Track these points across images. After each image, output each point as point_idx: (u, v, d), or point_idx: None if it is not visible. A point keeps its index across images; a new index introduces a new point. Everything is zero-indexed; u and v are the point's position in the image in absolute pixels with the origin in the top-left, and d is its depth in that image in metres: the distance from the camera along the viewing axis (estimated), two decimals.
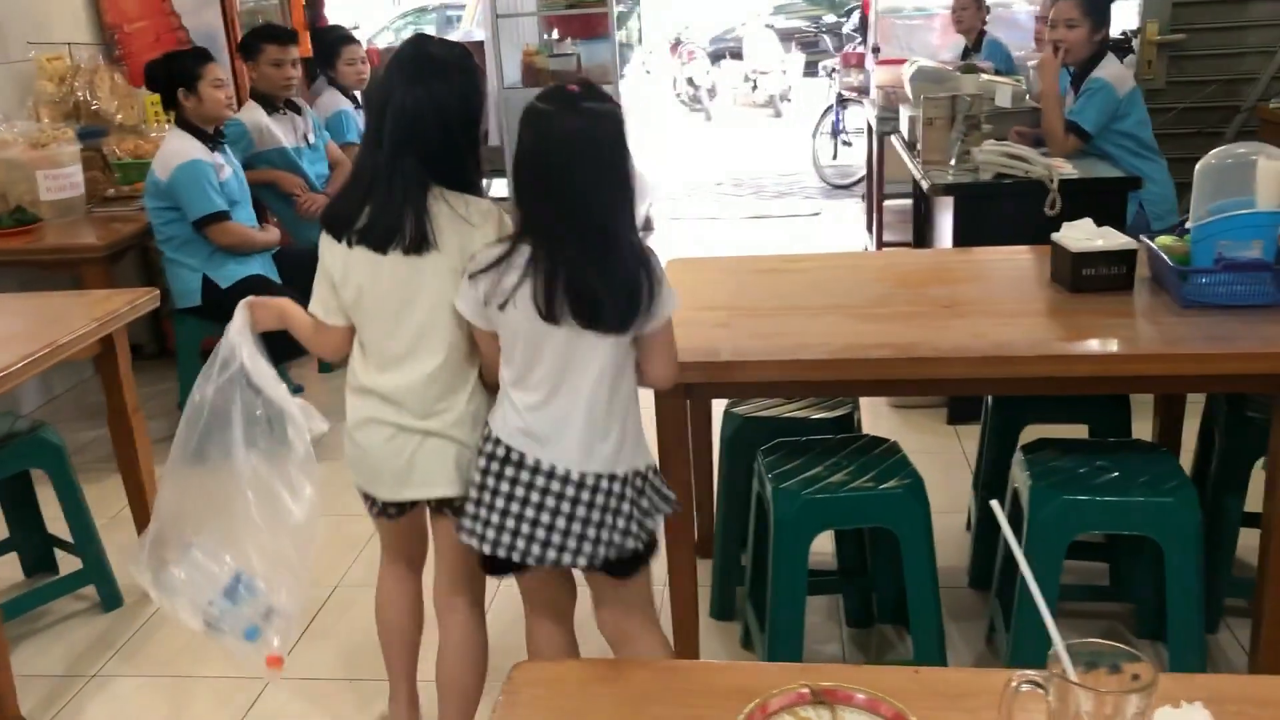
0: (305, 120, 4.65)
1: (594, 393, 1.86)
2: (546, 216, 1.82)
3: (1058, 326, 2.30)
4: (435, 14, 17.16)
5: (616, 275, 1.81)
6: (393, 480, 2.12)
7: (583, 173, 1.79)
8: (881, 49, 7.25)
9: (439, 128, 1.94)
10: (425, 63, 1.96)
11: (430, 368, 2.02)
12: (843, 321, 2.41)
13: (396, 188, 1.95)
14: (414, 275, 1.97)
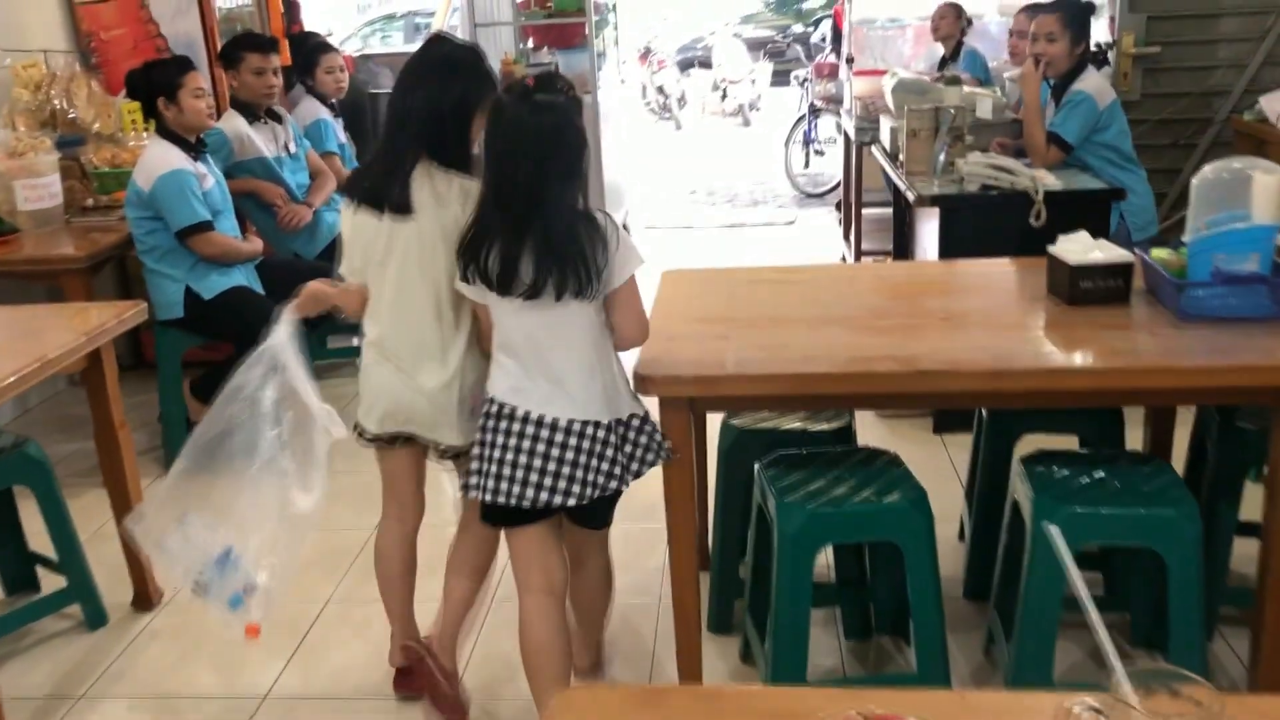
0: (286, 129, 4.61)
1: (570, 349, 2.12)
2: (493, 198, 2.08)
3: (1059, 339, 2.32)
4: (403, 21, 17.08)
5: (551, 251, 2.03)
6: (384, 415, 2.43)
7: (523, 157, 2.03)
8: (855, 59, 7.29)
9: (434, 114, 2.24)
10: (433, 59, 2.30)
11: (410, 323, 2.33)
12: (844, 334, 2.41)
13: (390, 159, 2.28)
14: (395, 235, 2.28)
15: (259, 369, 2.37)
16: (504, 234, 2.06)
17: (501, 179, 2.07)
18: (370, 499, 3.73)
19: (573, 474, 2.12)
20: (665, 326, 2.50)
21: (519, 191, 2.04)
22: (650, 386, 2.22)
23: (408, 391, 2.37)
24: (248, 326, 3.86)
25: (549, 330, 2.11)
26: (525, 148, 2.03)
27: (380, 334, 2.38)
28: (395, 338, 2.36)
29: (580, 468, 2.13)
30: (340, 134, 5.31)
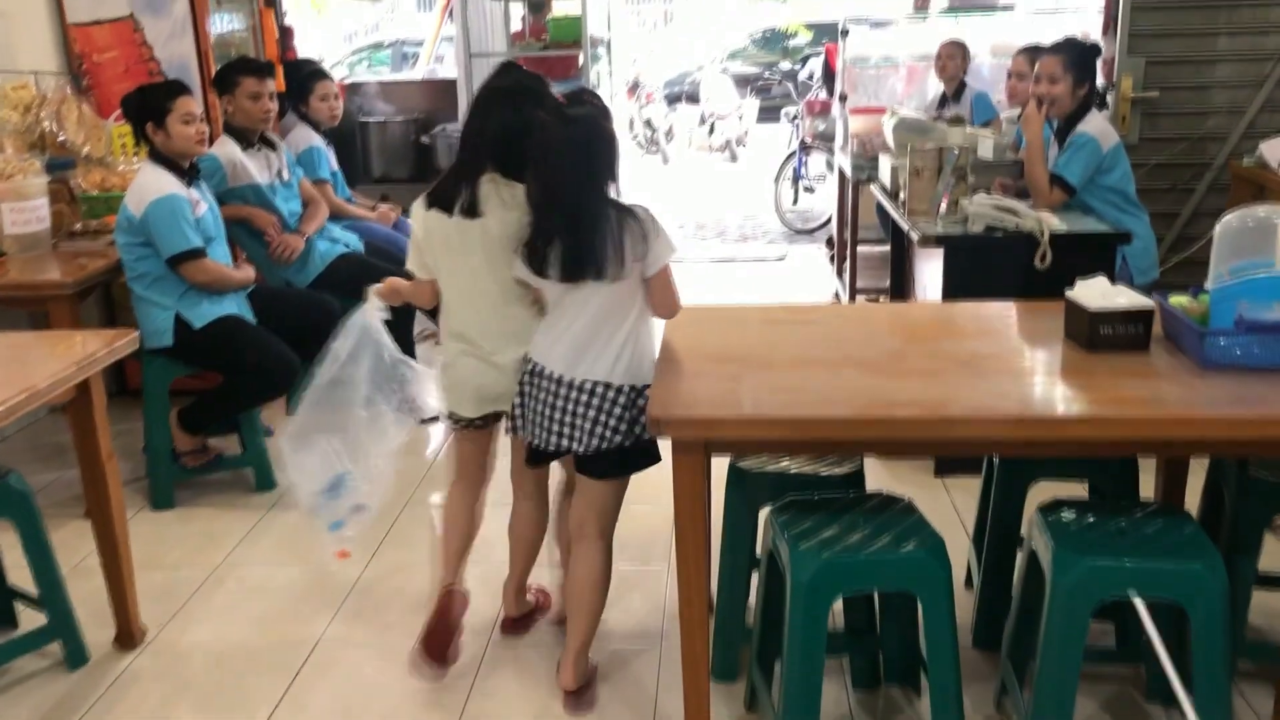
0: (280, 156, 4.54)
1: (596, 323, 2.49)
2: (540, 201, 2.47)
3: (1083, 387, 2.26)
4: (391, 49, 17.06)
5: (591, 240, 2.40)
6: (475, 400, 2.75)
7: (559, 162, 2.43)
8: (848, 97, 7.30)
9: (504, 134, 2.56)
10: (505, 86, 2.62)
11: (482, 310, 2.68)
12: (861, 377, 2.35)
13: (461, 170, 2.62)
14: (467, 234, 2.61)
15: (351, 337, 2.85)
16: (552, 229, 2.43)
17: (545, 184, 2.45)
18: (361, 533, 3.64)
19: (583, 425, 2.50)
20: (676, 366, 2.44)
21: (560, 192, 2.43)
22: (664, 428, 2.16)
23: (492, 371, 2.70)
24: (238, 357, 3.81)
25: (589, 306, 2.48)
26: (561, 156, 2.42)
27: (458, 324, 2.73)
28: (471, 325, 2.70)
29: (589, 420, 2.49)
30: (333, 161, 5.26)
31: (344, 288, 4.48)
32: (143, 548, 3.47)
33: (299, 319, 4.07)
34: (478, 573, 3.13)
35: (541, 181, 2.46)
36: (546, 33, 6.95)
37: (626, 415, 2.49)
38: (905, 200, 4.17)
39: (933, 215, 3.98)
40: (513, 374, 2.66)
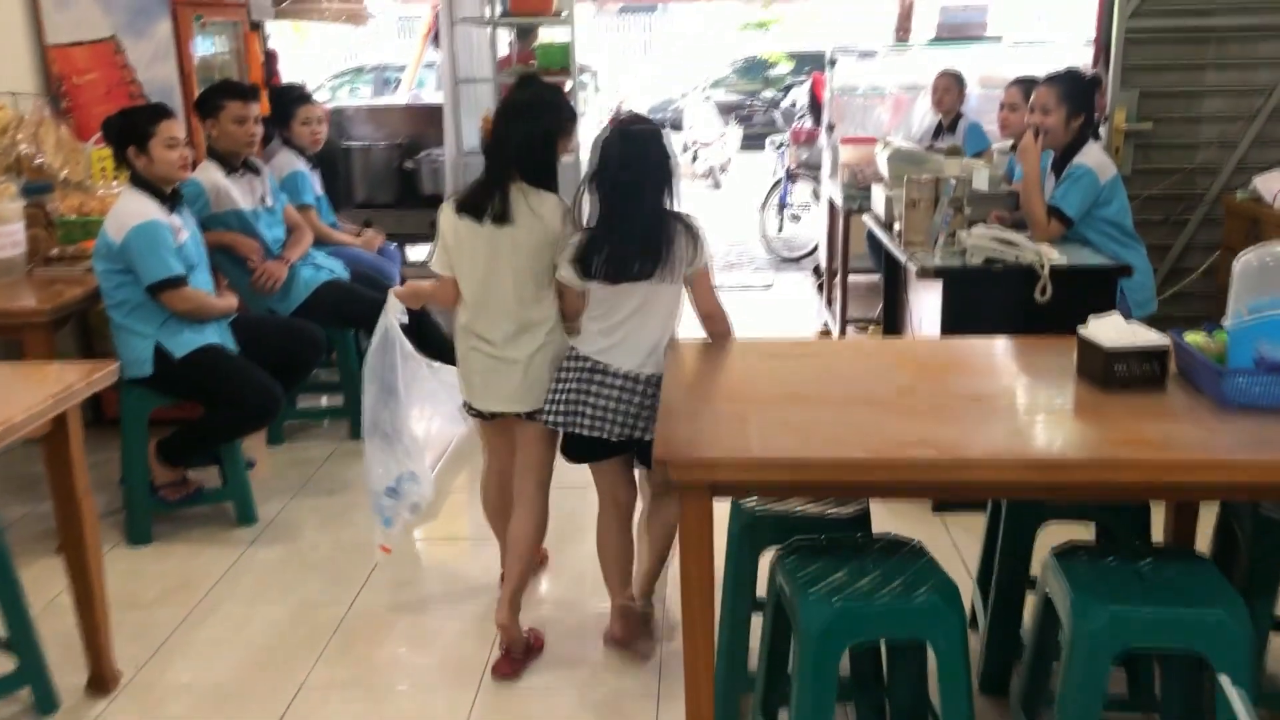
0: (263, 182, 4.44)
1: (646, 320, 2.77)
2: (606, 209, 2.75)
3: (1101, 428, 2.19)
4: (373, 74, 17.01)
5: (644, 242, 2.71)
6: (484, 394, 2.95)
7: (621, 174, 2.72)
8: (836, 126, 7.28)
9: (526, 143, 2.80)
10: (525, 99, 2.85)
11: (499, 310, 2.87)
12: (872, 415, 2.28)
13: (490, 179, 2.82)
14: (495, 240, 2.81)
15: (378, 340, 3.09)
16: (609, 233, 2.72)
17: (606, 193, 2.74)
18: (346, 569, 3.54)
19: (636, 413, 2.77)
20: (680, 403, 2.36)
21: (619, 200, 2.73)
22: (670, 470, 2.07)
23: (502, 367, 2.89)
24: (220, 387, 3.70)
25: (633, 302, 2.76)
26: (622, 167, 2.72)
27: (473, 322, 2.91)
28: (485, 323, 2.89)
29: (636, 407, 2.77)
30: (317, 186, 5.17)
31: (329, 316, 4.41)
32: (118, 585, 3.35)
33: (282, 348, 3.97)
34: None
35: (607, 191, 2.74)
36: (534, 58, 6.90)
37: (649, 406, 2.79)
38: (901, 231, 4.12)
39: (930, 247, 3.92)
40: (521, 368, 2.87)
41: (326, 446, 4.60)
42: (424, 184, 7.03)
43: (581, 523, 3.48)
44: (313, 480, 4.27)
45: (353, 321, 4.55)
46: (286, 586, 3.46)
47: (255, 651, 3.11)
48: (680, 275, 2.76)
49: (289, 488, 4.18)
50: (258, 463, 4.31)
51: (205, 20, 4.89)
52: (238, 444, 3.85)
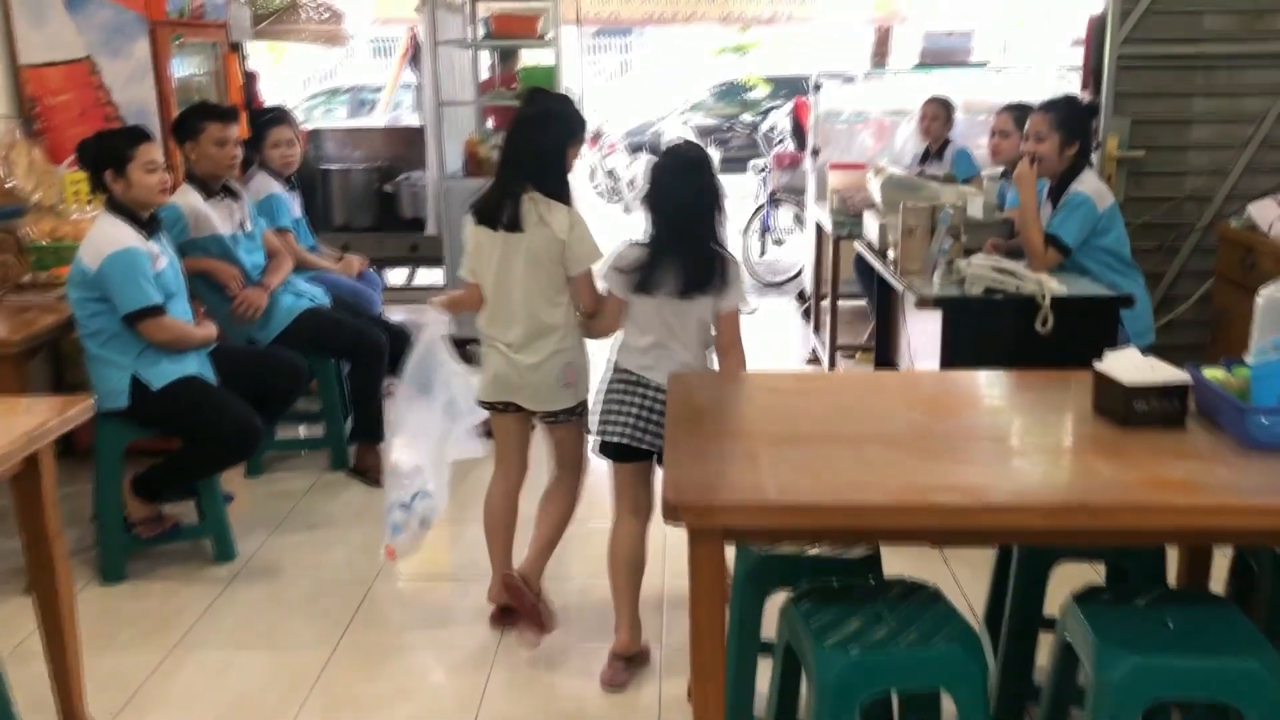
0: (242, 206, 4.33)
1: (687, 338, 2.96)
2: (659, 228, 2.93)
3: (1127, 469, 2.11)
4: (348, 95, 16.89)
5: (701, 264, 2.90)
6: (493, 386, 3.11)
7: (674, 197, 2.92)
8: (820, 151, 7.23)
9: (538, 154, 2.99)
10: (535, 112, 3.03)
11: (513, 315, 3.03)
12: (889, 455, 2.19)
13: (502, 188, 3.00)
14: (509, 247, 2.99)
15: (420, 352, 3.23)
16: (668, 252, 2.90)
17: (666, 216, 2.92)
18: (330, 609, 3.41)
19: (641, 421, 2.93)
20: (685, 440, 2.26)
21: (679, 223, 2.91)
22: (682, 515, 1.97)
23: (513, 369, 3.05)
24: (199, 420, 3.57)
25: (678, 319, 2.95)
26: (675, 190, 2.93)
27: (489, 325, 3.09)
28: (500, 326, 3.06)
29: (645, 414, 2.93)
30: (295, 209, 5.06)
31: (310, 345, 4.29)
32: (91, 627, 3.20)
33: (264, 379, 3.86)
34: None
35: (666, 213, 2.93)
36: (517, 81, 6.82)
37: None
38: (897, 259, 4.05)
39: (927, 275, 3.85)
40: (528, 370, 3.03)
41: (307, 479, 4.46)
42: (404, 207, 6.93)
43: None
44: (293, 514, 4.14)
45: (334, 350, 4.43)
46: (268, 627, 3.33)
47: (235, 699, 2.98)
48: (721, 301, 2.94)
49: (268, 522, 4.04)
50: (236, 497, 4.17)
51: (184, 40, 4.77)
52: (216, 478, 3.72)
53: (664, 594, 3.48)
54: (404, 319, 7.18)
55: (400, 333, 4.70)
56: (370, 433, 4.43)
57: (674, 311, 2.93)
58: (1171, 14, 4.80)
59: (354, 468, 4.47)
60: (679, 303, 2.91)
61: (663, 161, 2.98)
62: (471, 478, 4.09)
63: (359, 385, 4.42)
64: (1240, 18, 4.79)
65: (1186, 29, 4.81)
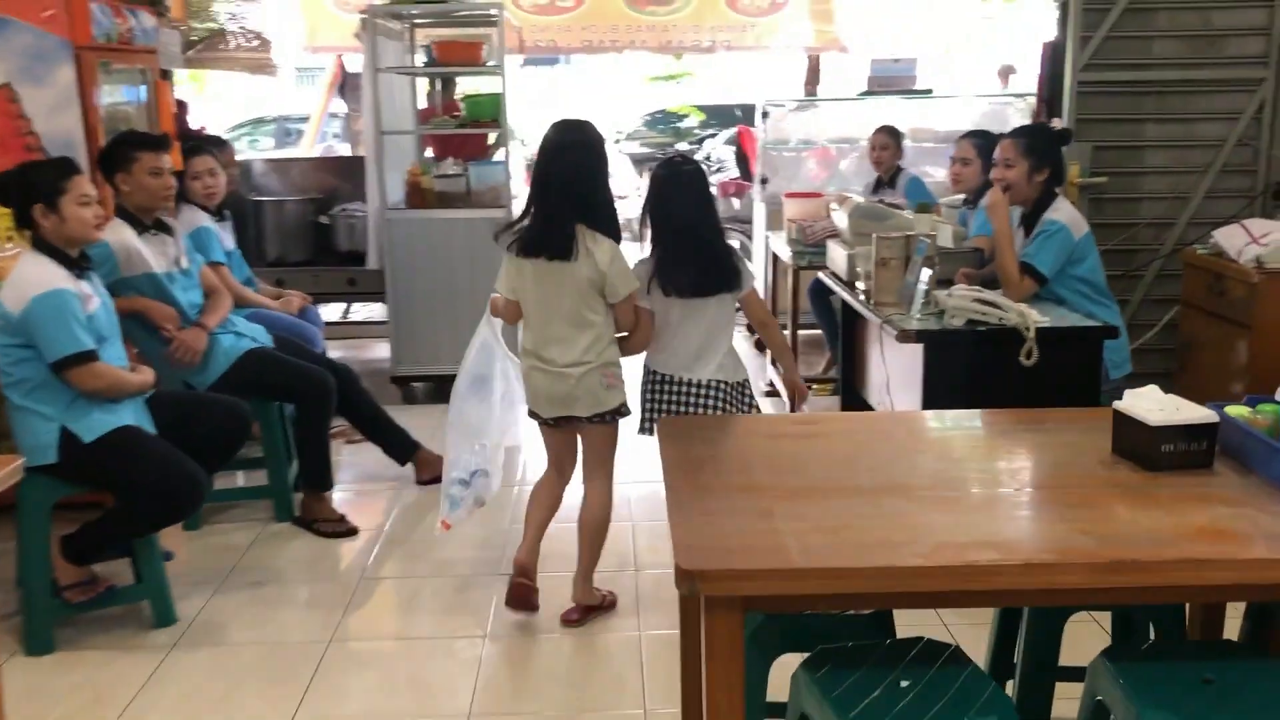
0: (177, 242, 4.07)
1: (715, 333, 3.31)
2: (662, 234, 3.29)
3: (1168, 519, 1.97)
4: (274, 125, 16.51)
5: (705, 264, 3.25)
6: (548, 404, 3.32)
7: (675, 204, 3.27)
8: (770, 180, 7.13)
9: (581, 187, 3.19)
10: (571, 140, 3.23)
11: (557, 333, 3.25)
12: (911, 508, 2.02)
13: (549, 220, 3.19)
14: (552, 274, 3.20)
15: (478, 344, 3.54)
16: (687, 256, 3.25)
17: (678, 224, 3.27)
18: (281, 675, 3.15)
19: (693, 414, 3.28)
20: (689, 494, 2.08)
21: (690, 229, 3.27)
22: (700, 584, 1.78)
23: (559, 380, 3.26)
24: (136, 475, 3.27)
25: (701, 321, 3.30)
26: (675, 198, 3.28)
27: (533, 343, 3.30)
28: (544, 344, 3.27)
29: (708, 409, 3.29)
30: (227, 240, 4.81)
31: (254, 388, 4.04)
32: (16, 705, 2.92)
33: (205, 427, 3.59)
34: None
35: (677, 221, 3.27)
36: (459, 109, 6.62)
37: (728, 405, 3.33)
38: (869, 291, 3.92)
39: (904, 307, 3.72)
40: (574, 379, 3.24)
41: (250, 530, 4.18)
42: (340, 240, 6.67)
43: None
44: (237, 570, 3.86)
45: (279, 393, 4.17)
46: (215, 700, 3.06)
47: None
48: (740, 289, 3.31)
49: (211, 580, 3.76)
50: (175, 553, 3.87)
51: (113, 67, 4.50)
52: (154, 535, 3.44)
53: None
54: (343, 355, 6.94)
55: (347, 372, 4.46)
56: (318, 480, 4.18)
57: (698, 311, 3.28)
58: (1131, 39, 4.78)
59: (300, 518, 4.20)
60: (703, 301, 3.26)
61: (663, 174, 3.32)
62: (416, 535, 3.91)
63: (305, 430, 4.16)
64: (1193, 42, 4.77)
65: (1146, 54, 4.79)
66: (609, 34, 9.20)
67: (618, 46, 9.33)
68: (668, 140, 17.61)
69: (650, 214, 3.31)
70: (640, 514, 4.27)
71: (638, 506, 4.34)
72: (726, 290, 3.28)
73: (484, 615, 3.49)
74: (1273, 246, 4.13)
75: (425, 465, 4.59)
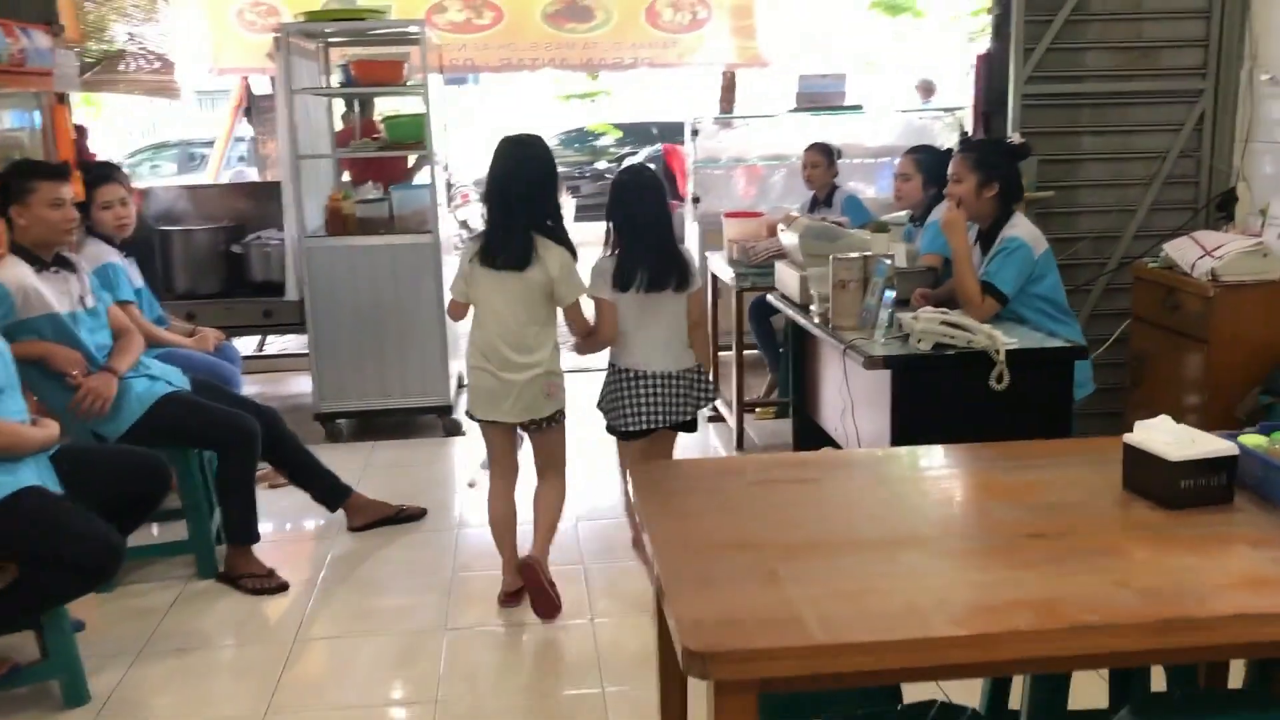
0: (81, 279, 3.74)
1: (668, 327, 3.63)
2: (623, 234, 3.59)
3: (1208, 566, 1.81)
4: (177, 149, 15.94)
5: (663, 261, 3.57)
6: (487, 406, 3.50)
7: (637, 206, 3.58)
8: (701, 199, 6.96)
9: (530, 196, 3.39)
10: (523, 154, 3.43)
11: (510, 340, 3.43)
12: (931, 565, 1.83)
13: (506, 228, 3.40)
14: (503, 281, 3.40)
15: None
16: (646, 255, 3.55)
17: (636, 226, 3.57)
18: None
19: (670, 405, 3.65)
20: (684, 561, 1.87)
21: (647, 231, 3.57)
22: (709, 665, 1.57)
23: (503, 387, 3.45)
24: (43, 541, 2.92)
25: (661, 316, 3.61)
26: (638, 201, 3.58)
27: (482, 345, 3.48)
28: (491, 348, 3.46)
29: (674, 399, 3.65)
30: (136, 278, 4.49)
31: (171, 436, 3.74)
32: None
33: (118, 484, 3.27)
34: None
35: (637, 223, 3.58)
36: (379, 132, 6.34)
37: (688, 393, 3.70)
38: (825, 314, 3.75)
39: (866, 331, 3.56)
40: (518, 386, 3.45)
41: (169, 590, 3.85)
42: (254, 270, 6.32)
43: None
44: (157, 637, 3.53)
45: (198, 441, 3.86)
46: None
47: None
48: (690, 287, 3.64)
49: (127, 650, 3.43)
50: (86, 623, 3.53)
51: (3, 90, 4.15)
52: (64, 610, 3.10)
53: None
54: (261, 390, 6.59)
55: (271, 415, 4.16)
56: (243, 533, 3.87)
57: (656, 306, 3.58)
58: (1072, 50, 4.71)
59: (224, 574, 3.89)
60: (659, 297, 3.56)
61: (626, 179, 3.67)
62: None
63: (228, 479, 3.84)
64: (1130, 54, 4.73)
65: (1087, 65, 4.73)
66: (528, 52, 8.98)
67: (537, 64, 9.11)
68: (584, 159, 17.42)
69: (612, 216, 3.61)
70: (591, 553, 4.05)
71: (587, 545, 4.13)
72: (681, 288, 3.59)
73: (432, 678, 3.23)
74: (1227, 259, 4.07)
75: (358, 511, 4.31)
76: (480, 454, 4.04)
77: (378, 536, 4.28)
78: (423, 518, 4.43)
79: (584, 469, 4.42)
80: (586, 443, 4.42)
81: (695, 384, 3.71)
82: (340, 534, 4.31)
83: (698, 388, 3.72)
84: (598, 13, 8.97)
